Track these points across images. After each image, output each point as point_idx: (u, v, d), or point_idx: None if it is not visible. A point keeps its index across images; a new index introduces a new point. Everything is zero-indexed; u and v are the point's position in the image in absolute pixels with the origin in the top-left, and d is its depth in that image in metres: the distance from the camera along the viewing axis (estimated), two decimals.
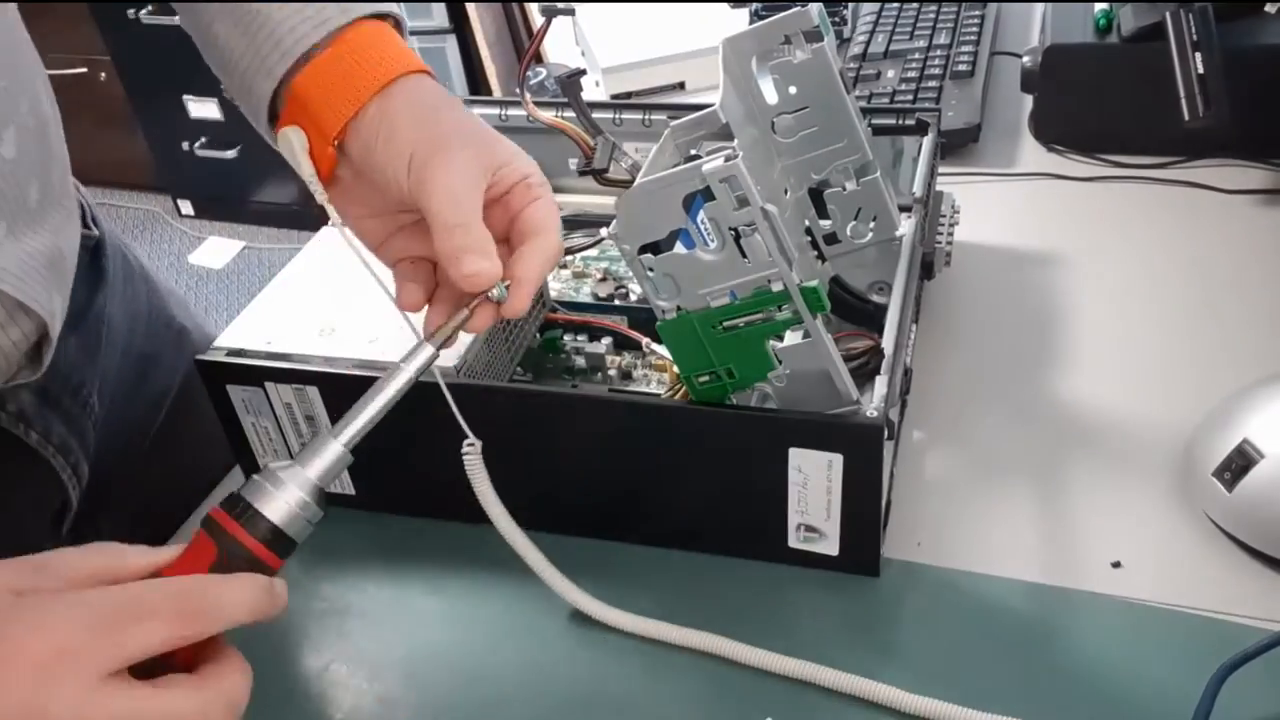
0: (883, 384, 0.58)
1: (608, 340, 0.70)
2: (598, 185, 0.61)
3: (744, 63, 0.63)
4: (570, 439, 0.62)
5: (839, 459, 0.56)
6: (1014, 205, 0.92)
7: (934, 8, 1.14)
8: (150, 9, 2.53)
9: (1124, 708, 0.54)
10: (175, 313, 0.79)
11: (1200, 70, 0.84)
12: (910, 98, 1.01)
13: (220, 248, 2.83)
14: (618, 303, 0.74)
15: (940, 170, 0.81)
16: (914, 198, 0.73)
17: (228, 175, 2.75)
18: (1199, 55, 0.84)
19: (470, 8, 2.29)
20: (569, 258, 0.76)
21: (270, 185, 2.78)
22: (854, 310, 0.70)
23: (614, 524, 0.65)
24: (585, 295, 0.75)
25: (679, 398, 0.61)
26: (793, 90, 0.64)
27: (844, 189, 0.68)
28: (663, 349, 0.62)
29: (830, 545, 0.60)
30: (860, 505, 0.58)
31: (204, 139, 2.73)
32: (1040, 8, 1.06)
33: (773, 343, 0.56)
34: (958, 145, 0.97)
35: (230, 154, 2.70)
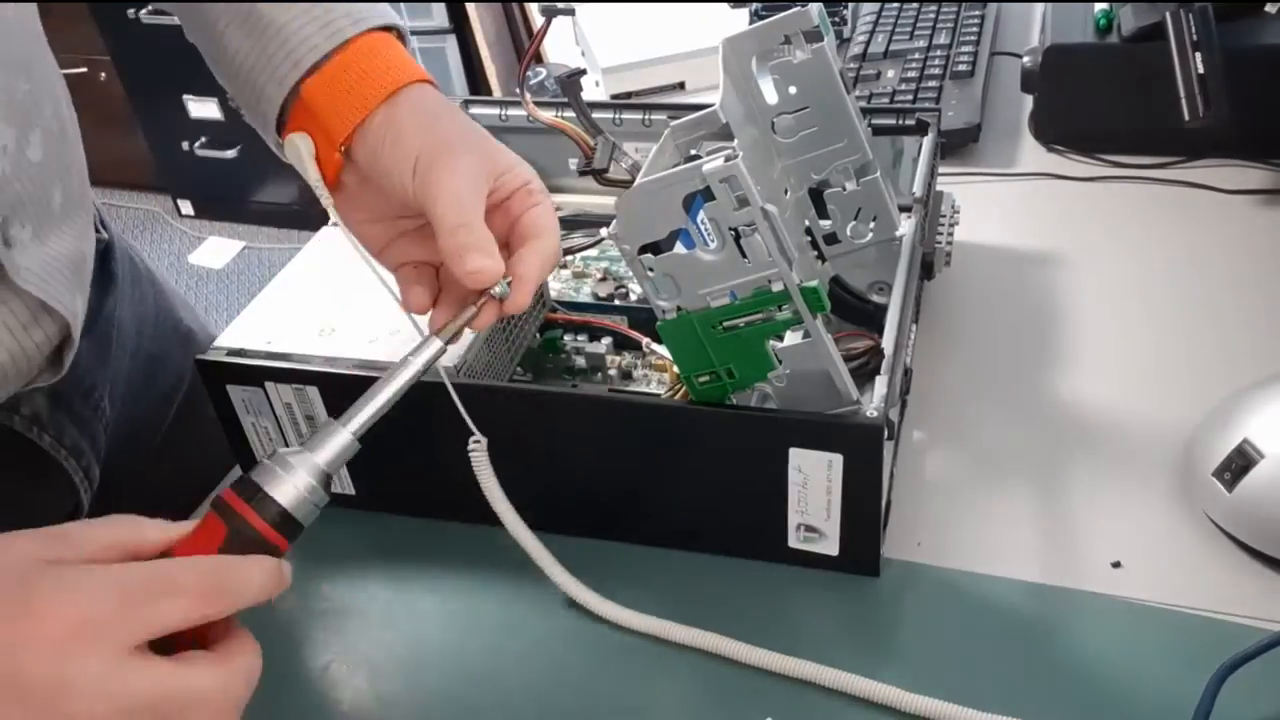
0: (883, 384, 0.58)
1: (608, 340, 0.70)
2: (598, 185, 0.61)
3: (744, 63, 0.63)
4: (570, 439, 0.62)
5: (839, 459, 0.56)
6: (1014, 205, 0.92)
7: (934, 8, 1.14)
8: (150, 9, 2.53)
9: (1124, 708, 0.54)
10: (182, 315, 0.79)
11: (1200, 70, 0.84)
12: (910, 98, 1.01)
13: (220, 248, 2.84)
14: (618, 303, 0.74)
15: (940, 170, 0.81)
16: (914, 198, 0.73)
17: (228, 175, 2.75)
18: (1199, 55, 0.84)
19: (470, 8, 2.29)
20: (569, 258, 0.76)
21: (270, 185, 2.78)
22: (854, 310, 0.70)
23: (614, 524, 0.65)
24: (585, 295, 0.75)
25: (679, 398, 0.61)
26: (793, 90, 0.64)
27: (844, 189, 0.68)
28: (663, 349, 0.62)
29: (830, 545, 0.60)
30: (860, 505, 0.58)
31: (204, 139, 2.73)
32: (1040, 8, 1.06)
33: (773, 343, 0.56)
34: (958, 145, 0.97)
35: (230, 154, 2.70)
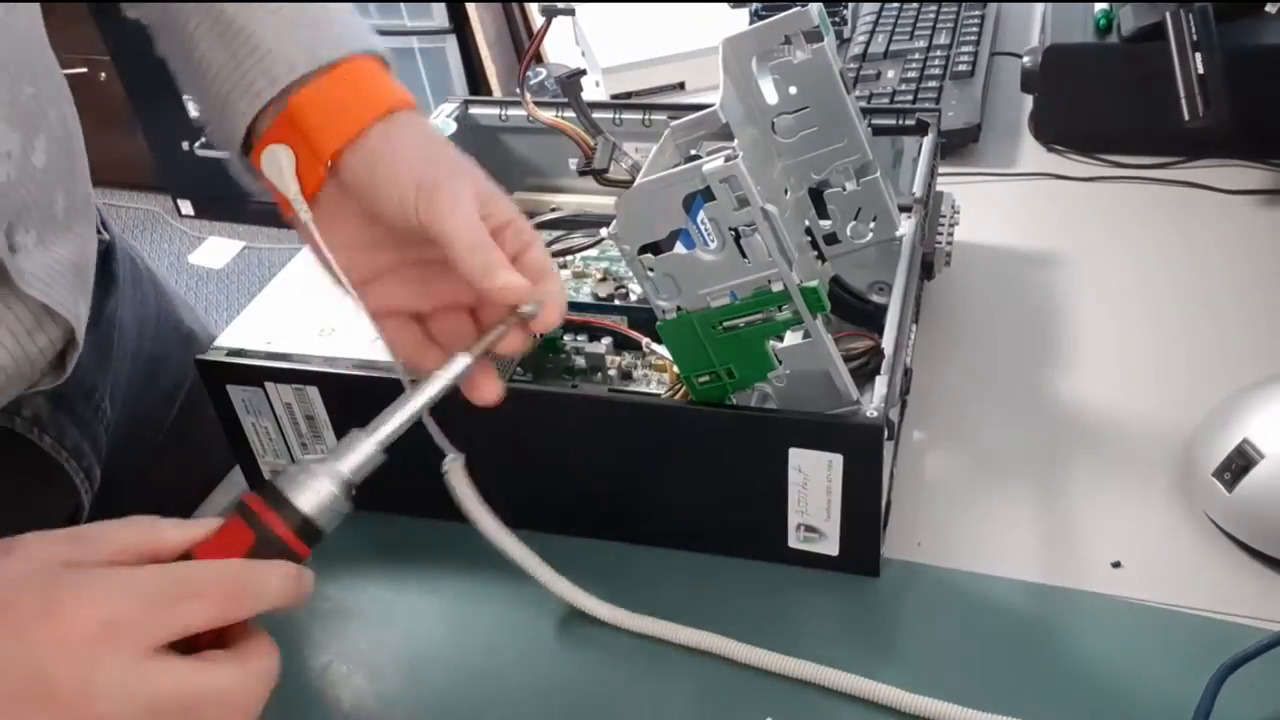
0: (883, 384, 0.58)
1: (608, 340, 0.70)
2: (598, 185, 0.61)
3: (744, 63, 0.63)
4: (570, 439, 0.62)
5: (839, 459, 0.56)
6: (1014, 205, 0.92)
7: (934, 8, 1.14)
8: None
9: (1124, 707, 0.54)
10: (182, 315, 0.79)
11: (1200, 70, 0.84)
12: (910, 98, 1.01)
13: (220, 248, 2.83)
14: (618, 303, 0.74)
15: (940, 170, 0.81)
16: (914, 198, 0.73)
17: (228, 175, 2.72)
18: (1199, 55, 0.84)
19: (470, 8, 2.29)
20: (569, 257, 0.76)
21: None
22: (854, 310, 0.70)
23: (614, 524, 0.64)
24: (585, 295, 0.75)
25: (679, 398, 0.61)
26: (793, 90, 0.64)
27: (844, 189, 0.68)
28: (663, 349, 0.62)
29: (830, 545, 0.60)
30: (860, 505, 0.58)
31: (204, 139, 2.72)
32: (1040, 8, 1.06)
33: (773, 343, 0.56)
34: (958, 145, 0.97)
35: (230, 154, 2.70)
